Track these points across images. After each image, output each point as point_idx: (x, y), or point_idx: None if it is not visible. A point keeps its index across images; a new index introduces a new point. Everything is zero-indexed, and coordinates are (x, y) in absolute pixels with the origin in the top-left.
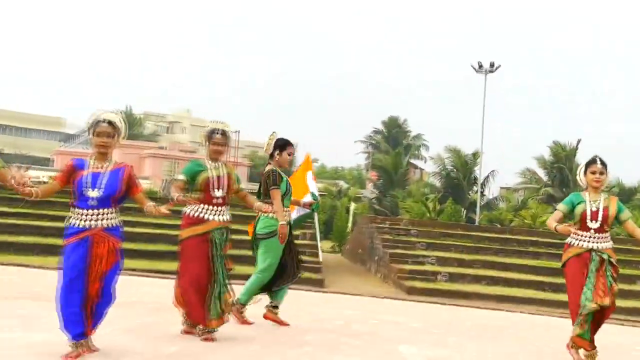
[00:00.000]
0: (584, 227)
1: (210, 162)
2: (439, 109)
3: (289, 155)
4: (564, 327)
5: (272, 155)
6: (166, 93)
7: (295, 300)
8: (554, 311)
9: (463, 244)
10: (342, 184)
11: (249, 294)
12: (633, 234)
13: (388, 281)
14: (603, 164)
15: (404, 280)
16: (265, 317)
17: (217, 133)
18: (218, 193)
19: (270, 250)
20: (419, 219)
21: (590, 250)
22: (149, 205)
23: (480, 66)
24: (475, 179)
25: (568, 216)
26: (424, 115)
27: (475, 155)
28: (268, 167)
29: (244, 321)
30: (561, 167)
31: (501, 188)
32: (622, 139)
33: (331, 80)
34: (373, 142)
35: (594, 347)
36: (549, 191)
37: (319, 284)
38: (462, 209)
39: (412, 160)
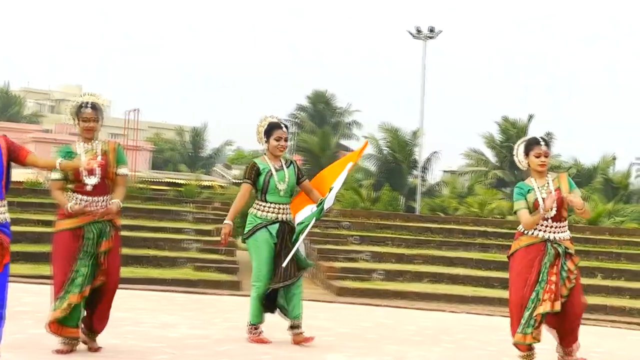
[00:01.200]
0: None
1: (82, 144)
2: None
3: (277, 140)
4: None
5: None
6: (51, 66)
7: (209, 305)
8: (505, 310)
9: (402, 236)
10: None
11: (252, 311)
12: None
13: (316, 281)
14: (547, 144)
15: (334, 280)
16: (294, 343)
17: (86, 107)
18: (91, 180)
19: (252, 253)
20: (350, 209)
21: (545, 241)
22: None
23: (419, 31)
24: (415, 161)
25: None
26: (355, 90)
27: (415, 134)
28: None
29: (260, 340)
30: (511, 147)
31: (444, 172)
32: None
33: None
34: (297, 120)
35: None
36: (499, 174)
37: (235, 287)
38: (401, 197)
39: (342, 141)
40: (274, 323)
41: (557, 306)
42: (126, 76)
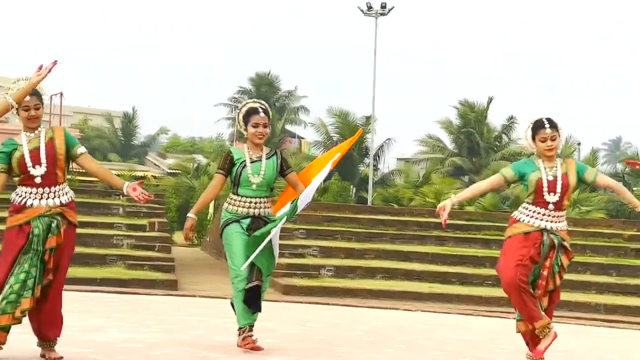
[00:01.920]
0: (539, 201)
1: (26, 134)
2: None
3: (254, 127)
4: (471, 328)
5: None
6: None
7: (142, 306)
8: (462, 308)
9: (352, 229)
10: (201, 159)
11: (237, 313)
12: (609, 187)
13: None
14: (553, 125)
15: (280, 278)
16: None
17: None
18: (37, 171)
19: (226, 249)
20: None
21: (542, 231)
22: None
23: (370, 8)
24: (367, 149)
25: (509, 185)
26: (301, 71)
27: (368, 120)
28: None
29: (251, 344)
30: (470, 132)
31: (398, 160)
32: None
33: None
34: (238, 105)
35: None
36: (456, 161)
37: (171, 286)
38: (351, 187)
39: (288, 127)
40: (218, 325)
41: (545, 302)
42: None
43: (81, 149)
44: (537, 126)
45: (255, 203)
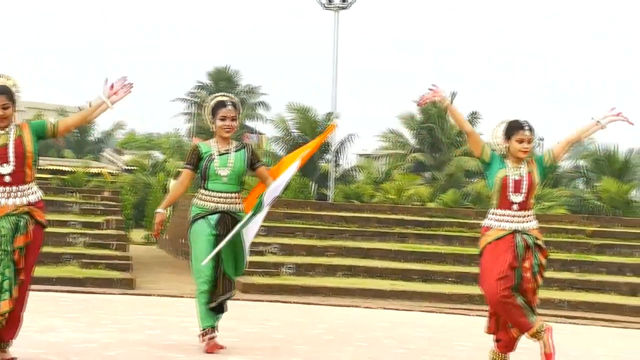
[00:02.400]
0: (504, 202)
1: None
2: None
3: (222, 120)
4: (433, 325)
5: None
6: None
7: (97, 306)
8: (424, 305)
9: (313, 227)
10: (158, 155)
11: (199, 313)
12: (569, 144)
13: None
14: (532, 129)
15: (239, 276)
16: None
17: None
18: (5, 169)
19: (190, 247)
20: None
21: (514, 232)
22: None
23: (330, 1)
24: (328, 145)
25: (479, 158)
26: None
27: (329, 116)
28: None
29: (215, 346)
30: (431, 128)
31: (360, 156)
32: (505, 91)
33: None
34: (196, 100)
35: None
36: (418, 157)
37: (128, 285)
38: (312, 183)
39: (247, 123)
40: (175, 324)
41: (537, 300)
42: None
43: (51, 121)
44: (516, 126)
45: (225, 198)
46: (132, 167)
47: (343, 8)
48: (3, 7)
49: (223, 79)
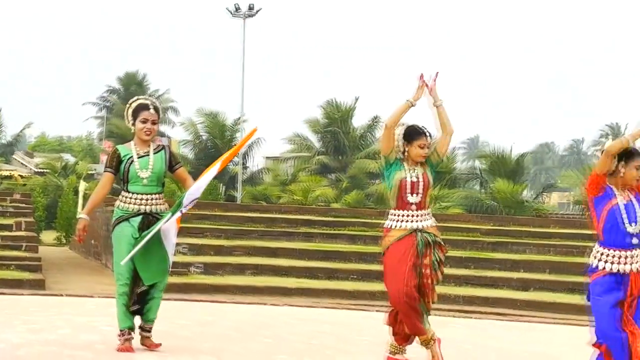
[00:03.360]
0: (402, 203)
1: None
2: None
3: (143, 123)
4: (337, 321)
5: None
6: None
7: (7, 306)
8: (328, 302)
9: (221, 227)
10: (69, 158)
11: (118, 314)
12: (442, 127)
13: None
14: (430, 135)
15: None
16: (142, 344)
17: None
18: None
19: (113, 249)
20: (166, 199)
21: (414, 231)
22: None
23: (237, 9)
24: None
25: (384, 156)
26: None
27: (237, 121)
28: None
29: (125, 349)
30: (335, 131)
31: (267, 158)
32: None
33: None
34: (107, 104)
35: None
36: (323, 160)
37: (38, 286)
38: (221, 185)
39: None
40: (84, 324)
41: (435, 297)
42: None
43: None
44: (418, 132)
45: (147, 200)
46: (44, 170)
47: (250, 16)
48: None
49: (134, 84)
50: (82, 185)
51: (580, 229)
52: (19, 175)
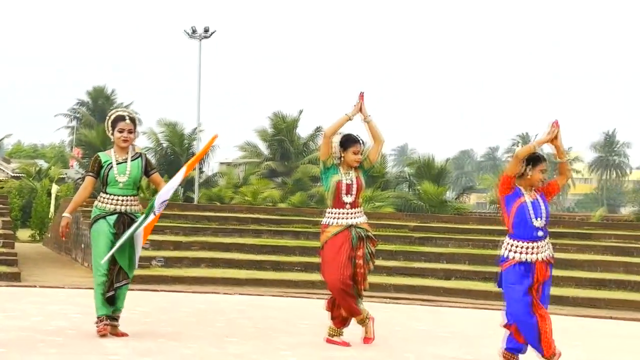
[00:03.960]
0: (338, 203)
1: None
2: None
3: (120, 132)
4: (282, 307)
5: None
6: None
7: None
8: (275, 291)
9: (180, 225)
10: (42, 164)
11: (96, 302)
12: (374, 138)
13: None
14: (363, 143)
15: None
16: (110, 333)
17: None
18: None
19: (92, 244)
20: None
21: (349, 227)
22: None
23: (194, 31)
24: (193, 154)
25: (322, 164)
26: (137, 86)
27: (194, 130)
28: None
29: (118, 333)
30: (282, 140)
31: (221, 164)
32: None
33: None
34: (77, 115)
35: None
36: (271, 165)
37: (14, 278)
38: (180, 187)
39: None
40: (55, 311)
41: (367, 285)
42: None
43: None
44: (352, 140)
45: (123, 200)
46: (19, 174)
47: (206, 37)
48: None
49: (102, 97)
50: (54, 188)
51: (495, 225)
52: None
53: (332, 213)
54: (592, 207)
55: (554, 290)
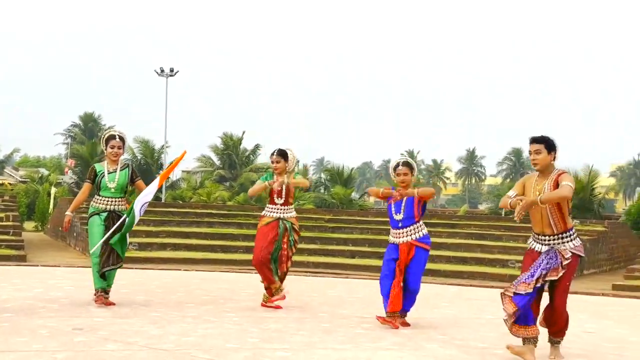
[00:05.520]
0: (272, 201)
1: None
2: (133, 106)
3: (111, 148)
4: (229, 280)
5: None
6: None
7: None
8: (223, 268)
9: (150, 218)
10: (44, 171)
11: (93, 278)
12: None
13: (86, 253)
14: (280, 154)
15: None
16: (105, 303)
17: None
18: None
19: (89, 233)
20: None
21: (278, 219)
22: None
23: (162, 70)
24: (162, 165)
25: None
26: (118, 112)
27: (163, 146)
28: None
29: (101, 300)
30: (230, 154)
31: (183, 171)
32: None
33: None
34: (72, 134)
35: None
36: (221, 173)
37: (21, 259)
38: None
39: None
40: (53, 285)
41: (290, 264)
42: None
43: None
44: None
45: (112, 201)
46: (26, 180)
47: (171, 75)
48: None
49: (91, 121)
50: (53, 190)
51: (387, 218)
52: (8, 183)
53: (268, 208)
54: (459, 204)
55: (430, 265)
